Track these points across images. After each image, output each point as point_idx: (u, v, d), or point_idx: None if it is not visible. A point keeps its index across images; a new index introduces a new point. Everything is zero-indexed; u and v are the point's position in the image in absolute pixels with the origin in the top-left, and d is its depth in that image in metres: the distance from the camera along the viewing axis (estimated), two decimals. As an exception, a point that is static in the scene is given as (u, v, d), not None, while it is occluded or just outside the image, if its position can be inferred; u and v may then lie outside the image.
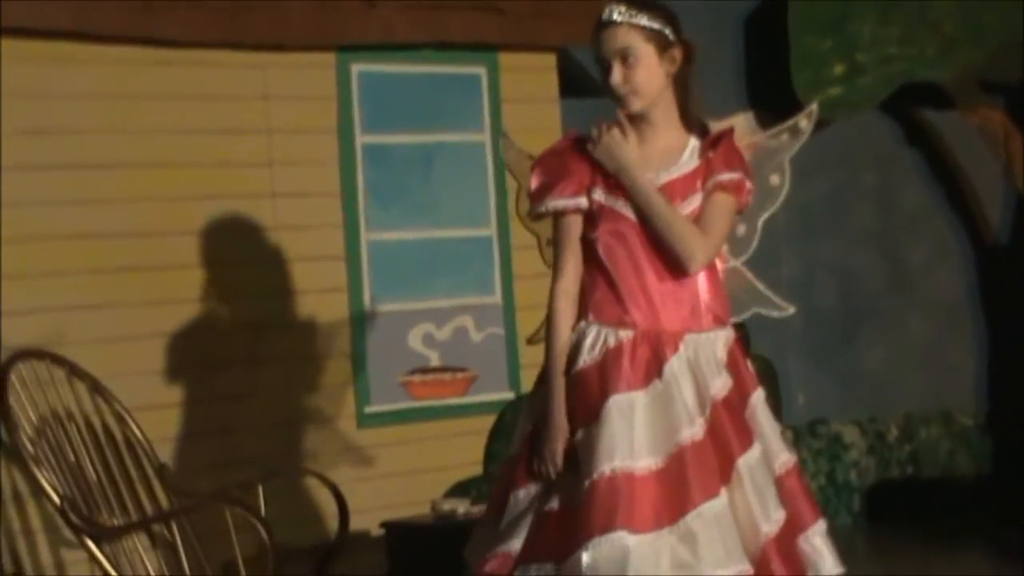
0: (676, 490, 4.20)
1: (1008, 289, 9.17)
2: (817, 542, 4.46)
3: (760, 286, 5.23)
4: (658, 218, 4.34)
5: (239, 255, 6.91)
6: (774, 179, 4.93)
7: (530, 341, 7.04)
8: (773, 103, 7.71)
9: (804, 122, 5.72)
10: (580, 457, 4.26)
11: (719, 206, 4.44)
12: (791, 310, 6.10)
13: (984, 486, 8.96)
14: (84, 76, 6.57)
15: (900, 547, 8.21)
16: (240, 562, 5.60)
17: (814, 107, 5.63)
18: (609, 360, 4.30)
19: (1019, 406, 9.00)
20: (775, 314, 5.26)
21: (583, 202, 4.36)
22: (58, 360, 5.81)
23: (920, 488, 8.93)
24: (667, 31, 4.33)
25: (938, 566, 7.79)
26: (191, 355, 6.73)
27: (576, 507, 4.21)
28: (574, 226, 4.39)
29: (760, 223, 5.48)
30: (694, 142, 4.42)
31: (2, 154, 6.30)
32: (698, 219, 4.40)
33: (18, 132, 6.35)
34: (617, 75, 4.31)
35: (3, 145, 6.30)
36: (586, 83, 7.21)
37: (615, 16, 4.32)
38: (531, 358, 6.67)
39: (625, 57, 4.30)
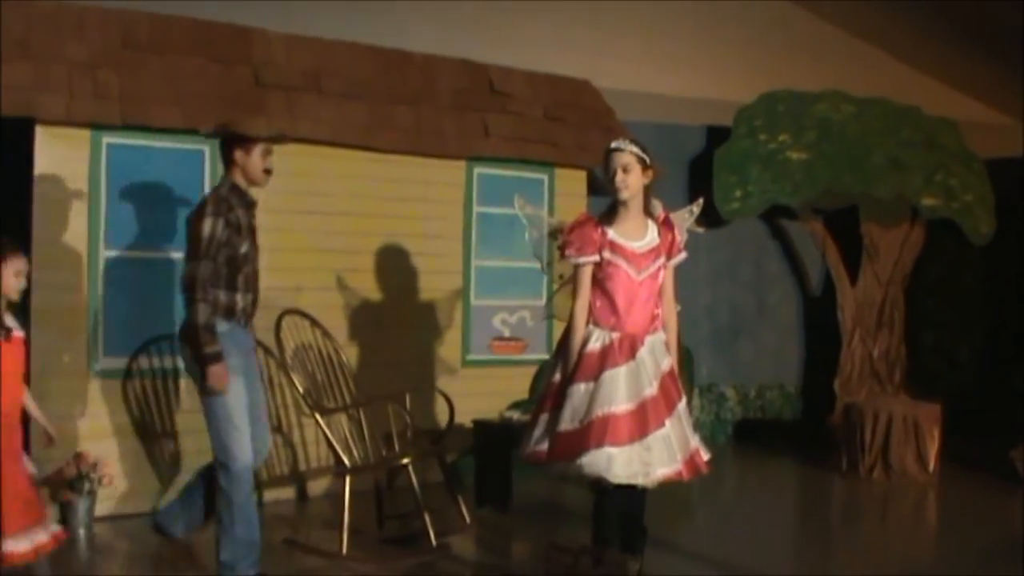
0: (641, 422, 4.22)
1: (819, 320, 8.94)
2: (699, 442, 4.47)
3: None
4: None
5: (406, 266, 6.80)
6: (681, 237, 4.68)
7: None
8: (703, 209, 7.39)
9: (695, 207, 5.42)
10: (581, 402, 4.23)
11: (671, 277, 4.51)
12: (679, 307, 5.90)
13: (799, 426, 8.86)
14: (335, 164, 6.55)
15: (751, 456, 8.17)
16: (394, 434, 5.58)
17: (700, 200, 5.35)
18: (606, 349, 4.28)
19: (819, 384, 8.78)
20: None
21: (596, 258, 4.34)
22: (304, 315, 5.76)
23: (764, 425, 8.81)
24: (647, 159, 4.36)
25: (770, 464, 7.90)
26: (374, 319, 6.65)
27: (581, 431, 4.20)
28: (589, 271, 4.36)
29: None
30: (651, 223, 4.40)
31: (287, 205, 6.29)
32: (662, 278, 4.40)
33: (297, 193, 6.40)
34: (619, 178, 4.31)
35: (290, 201, 6.33)
36: (600, 188, 7.00)
37: (622, 145, 4.35)
38: (557, 335, 6.40)
39: (625, 168, 4.31)
